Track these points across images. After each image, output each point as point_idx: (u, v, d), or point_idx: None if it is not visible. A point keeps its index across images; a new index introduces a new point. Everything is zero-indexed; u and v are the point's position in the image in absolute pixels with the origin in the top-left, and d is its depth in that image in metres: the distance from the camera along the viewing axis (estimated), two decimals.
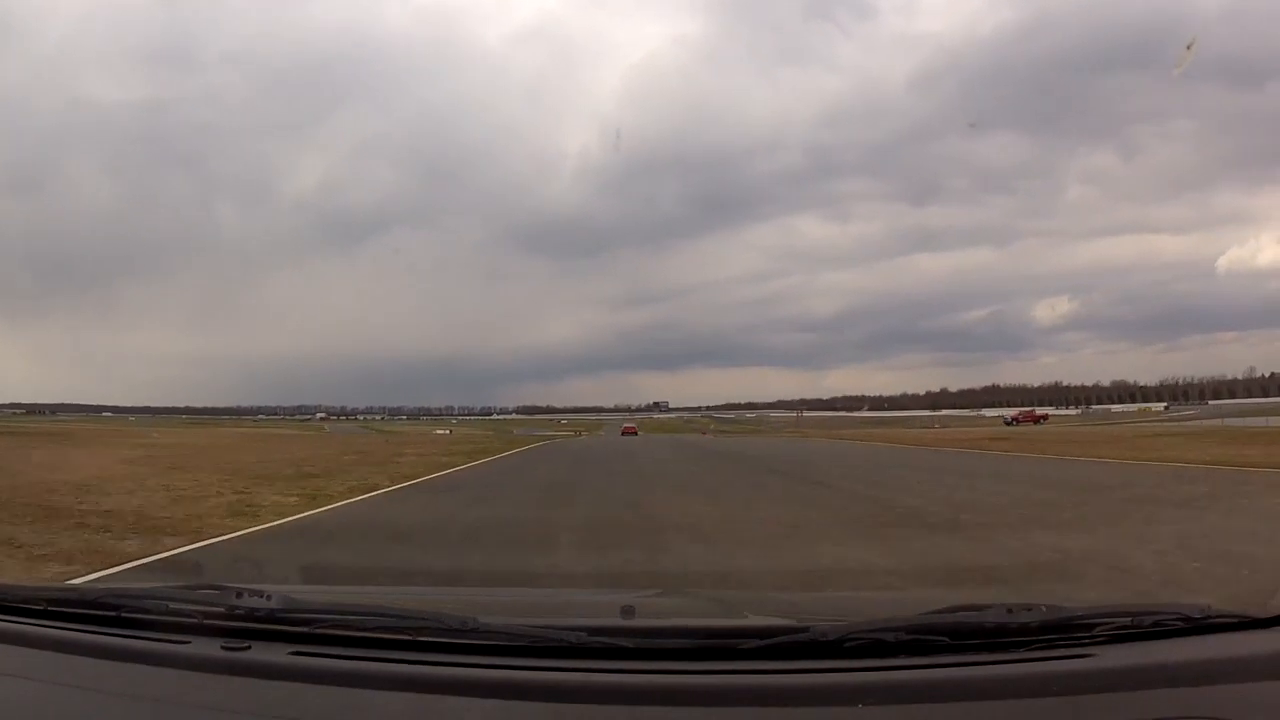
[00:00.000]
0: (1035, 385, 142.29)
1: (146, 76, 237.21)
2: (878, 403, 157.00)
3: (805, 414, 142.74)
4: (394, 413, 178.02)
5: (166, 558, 7.09)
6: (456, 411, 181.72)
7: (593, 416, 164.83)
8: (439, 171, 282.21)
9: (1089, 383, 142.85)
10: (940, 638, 1.29)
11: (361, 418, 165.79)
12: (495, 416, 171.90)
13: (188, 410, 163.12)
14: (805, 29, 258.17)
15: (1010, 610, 1.36)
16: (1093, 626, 1.33)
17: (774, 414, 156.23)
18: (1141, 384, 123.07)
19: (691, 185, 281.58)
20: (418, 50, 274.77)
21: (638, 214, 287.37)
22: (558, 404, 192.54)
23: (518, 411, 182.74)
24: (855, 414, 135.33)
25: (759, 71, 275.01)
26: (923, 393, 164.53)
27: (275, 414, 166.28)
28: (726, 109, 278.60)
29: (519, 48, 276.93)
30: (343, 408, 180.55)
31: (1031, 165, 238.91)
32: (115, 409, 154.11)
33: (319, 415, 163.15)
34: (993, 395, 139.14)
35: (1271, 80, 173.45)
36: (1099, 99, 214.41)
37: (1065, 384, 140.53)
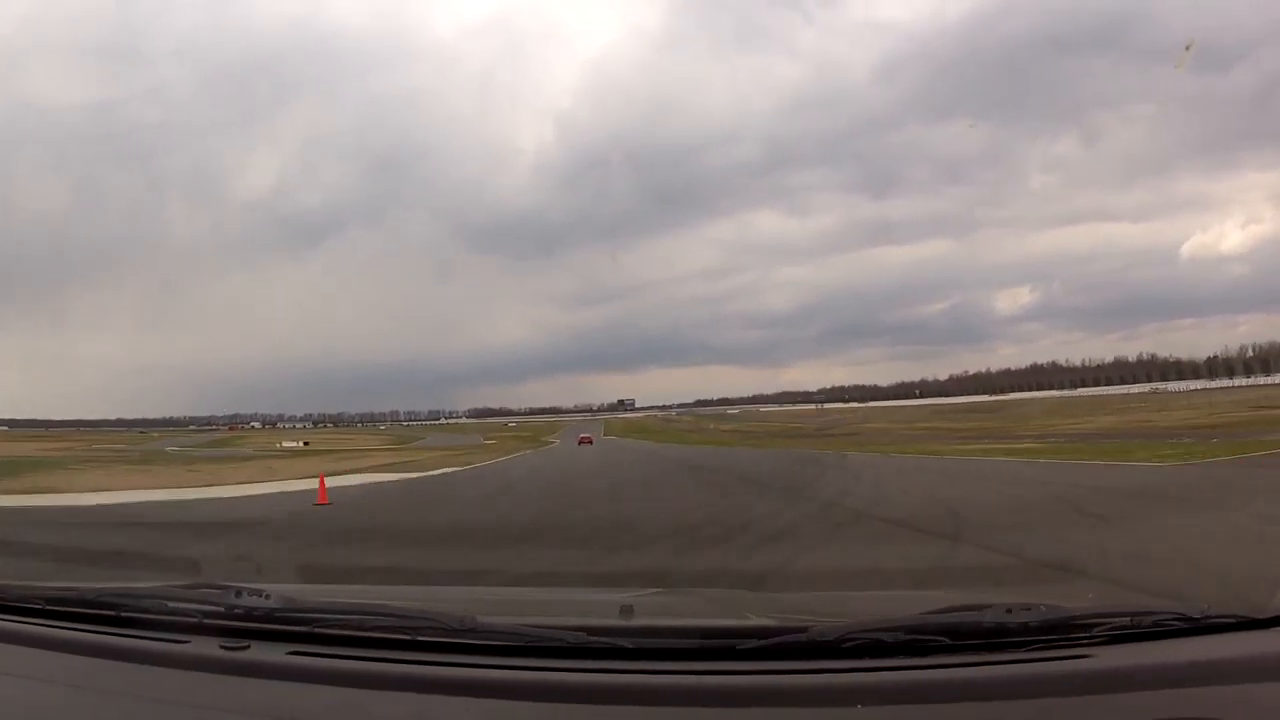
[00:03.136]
0: (1108, 362, 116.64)
1: (93, 73, 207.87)
2: (898, 391, 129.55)
3: (825, 406, 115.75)
4: (335, 420, 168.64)
5: None
6: (404, 416, 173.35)
7: (551, 418, 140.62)
8: (389, 169, 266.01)
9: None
10: (939, 638, 1.29)
11: (284, 425, 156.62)
12: (444, 420, 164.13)
13: (119, 422, 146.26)
14: (768, 15, 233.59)
15: (1009, 610, 1.35)
16: (1092, 627, 1.33)
17: (763, 408, 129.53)
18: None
19: (649, 180, 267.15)
20: (368, 42, 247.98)
21: (593, 210, 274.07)
22: (514, 406, 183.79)
23: (469, 415, 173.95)
24: (906, 403, 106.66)
25: (719, 60, 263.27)
26: (923, 380, 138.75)
27: (209, 424, 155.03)
28: (685, 100, 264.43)
29: (471, 40, 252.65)
30: (280, 415, 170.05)
31: (992, 154, 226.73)
32: (31, 422, 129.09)
33: (252, 424, 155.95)
34: (1044, 375, 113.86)
35: (1237, 64, 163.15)
36: (1061, 84, 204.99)
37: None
